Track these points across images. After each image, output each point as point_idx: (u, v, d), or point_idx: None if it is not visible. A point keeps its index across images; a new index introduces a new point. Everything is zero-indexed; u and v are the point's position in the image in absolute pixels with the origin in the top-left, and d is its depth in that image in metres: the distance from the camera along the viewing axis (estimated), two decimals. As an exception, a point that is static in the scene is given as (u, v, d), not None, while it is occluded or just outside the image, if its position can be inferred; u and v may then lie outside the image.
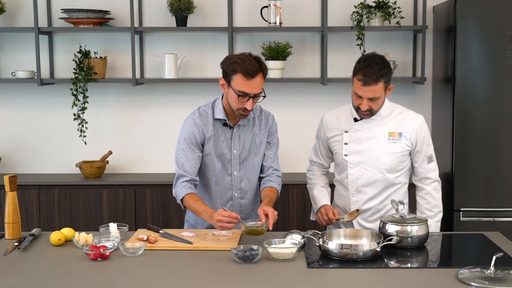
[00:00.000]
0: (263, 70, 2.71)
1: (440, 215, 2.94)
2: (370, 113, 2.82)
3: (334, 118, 2.99)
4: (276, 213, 2.65)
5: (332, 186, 3.13)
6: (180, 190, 2.80)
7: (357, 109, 2.82)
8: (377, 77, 2.70)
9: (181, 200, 2.80)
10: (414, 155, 2.91)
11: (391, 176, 2.89)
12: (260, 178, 2.99)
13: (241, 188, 2.93)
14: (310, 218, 3.14)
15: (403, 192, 2.97)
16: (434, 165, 2.93)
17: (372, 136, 2.87)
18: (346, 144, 2.91)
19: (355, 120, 2.91)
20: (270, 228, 2.61)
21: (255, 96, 2.71)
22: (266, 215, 2.63)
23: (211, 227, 2.84)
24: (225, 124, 2.86)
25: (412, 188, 3.03)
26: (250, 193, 2.97)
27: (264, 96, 2.76)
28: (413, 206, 3.09)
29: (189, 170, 2.82)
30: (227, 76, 2.72)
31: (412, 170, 2.97)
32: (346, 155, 2.91)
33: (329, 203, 3.00)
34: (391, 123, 2.87)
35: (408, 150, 2.88)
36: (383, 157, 2.85)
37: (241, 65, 2.66)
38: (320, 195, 3.02)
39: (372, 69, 2.70)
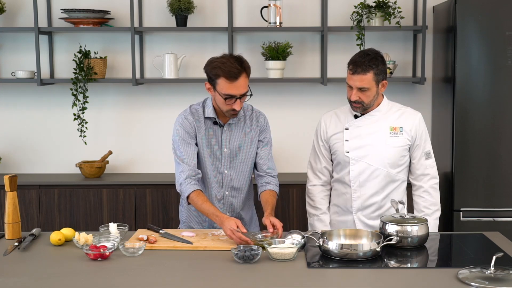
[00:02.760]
0: (245, 69, 2.72)
1: (438, 213, 2.95)
2: (362, 106, 2.85)
3: (333, 117, 3.03)
4: (281, 223, 2.66)
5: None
6: (186, 187, 2.78)
7: (350, 101, 2.88)
8: (366, 66, 2.78)
9: (187, 197, 2.78)
10: (413, 151, 2.94)
11: (393, 171, 2.91)
12: (257, 177, 2.99)
13: (232, 186, 2.93)
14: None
15: (403, 190, 2.99)
16: (432, 162, 2.96)
17: (373, 131, 2.91)
18: (347, 141, 2.93)
19: (355, 117, 2.95)
20: (280, 237, 2.61)
21: (241, 96, 2.73)
22: (273, 226, 2.63)
23: (203, 222, 2.91)
24: (215, 123, 2.88)
25: (409, 188, 3.04)
26: (242, 192, 2.97)
27: (251, 95, 2.78)
28: (411, 206, 3.09)
29: (190, 163, 2.82)
30: (211, 80, 2.76)
31: (410, 168, 2.98)
32: (347, 152, 2.93)
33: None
34: (391, 118, 2.92)
35: (408, 144, 2.91)
36: (385, 151, 2.89)
37: (222, 69, 2.68)
38: (321, 228, 3.01)
39: (363, 59, 2.81)
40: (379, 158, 2.89)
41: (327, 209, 3.08)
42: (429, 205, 2.93)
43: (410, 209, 3.07)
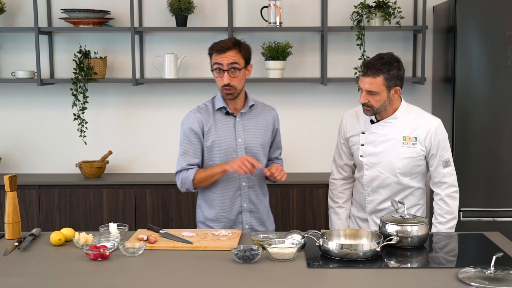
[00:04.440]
0: (238, 46, 2.86)
1: (453, 222, 2.92)
2: (371, 110, 2.82)
3: (354, 117, 3.00)
4: (281, 167, 2.85)
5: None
6: (187, 174, 2.88)
7: (362, 104, 2.85)
8: (376, 70, 2.74)
9: (193, 180, 2.87)
10: (429, 159, 2.90)
11: (405, 179, 2.90)
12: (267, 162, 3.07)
13: (249, 177, 2.95)
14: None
15: (419, 195, 2.97)
16: (450, 170, 2.91)
17: (386, 139, 2.88)
18: (362, 145, 2.92)
19: (372, 122, 2.92)
20: (279, 178, 2.84)
21: (229, 69, 2.83)
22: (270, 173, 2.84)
23: (219, 218, 2.96)
24: (227, 114, 2.92)
25: (430, 192, 3.04)
26: (258, 182, 3.00)
27: (240, 69, 2.85)
28: (432, 210, 3.07)
29: (191, 160, 2.89)
30: (211, 62, 2.88)
31: (430, 175, 2.97)
32: (362, 156, 2.93)
33: (347, 227, 3.06)
34: (406, 127, 2.87)
35: (423, 154, 2.88)
36: (397, 161, 2.86)
37: (214, 44, 2.87)
38: (336, 221, 3.08)
39: (375, 62, 2.76)
40: (390, 167, 2.88)
41: (345, 203, 3.09)
42: (444, 213, 2.91)
43: (432, 213, 3.05)
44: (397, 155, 2.86)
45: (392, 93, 2.80)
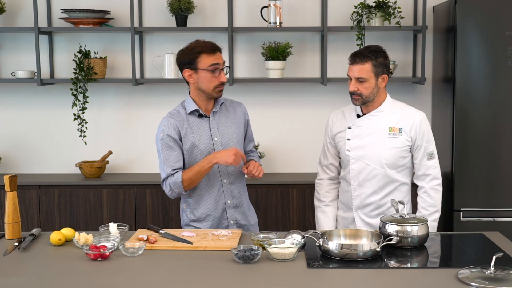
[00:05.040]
0: (219, 49, 2.92)
1: (437, 215, 2.95)
2: (361, 98, 2.88)
3: (339, 115, 3.07)
4: (258, 164, 2.90)
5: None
6: (174, 178, 2.87)
7: (350, 94, 2.91)
8: (364, 57, 2.84)
9: (182, 182, 2.85)
10: (414, 151, 2.94)
11: (392, 172, 2.92)
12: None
13: (229, 173, 2.96)
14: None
15: (405, 191, 2.99)
16: (434, 163, 2.95)
17: (373, 131, 2.93)
18: (348, 139, 2.96)
19: (358, 116, 2.97)
20: (256, 175, 2.87)
21: (223, 68, 2.88)
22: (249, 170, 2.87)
23: (207, 218, 2.95)
24: (199, 116, 2.94)
25: (414, 189, 3.04)
26: (238, 177, 3.01)
27: (229, 67, 3.01)
28: (416, 206, 3.09)
29: (175, 165, 2.89)
30: (191, 64, 2.86)
31: (414, 169, 2.99)
32: (348, 150, 2.96)
33: (334, 227, 3.07)
34: (392, 119, 2.92)
35: (408, 145, 2.91)
36: (384, 152, 2.90)
37: (202, 46, 2.85)
38: (323, 219, 3.09)
39: (362, 50, 2.87)
40: (376, 159, 2.91)
41: (332, 202, 3.11)
42: (428, 206, 2.94)
43: (416, 209, 3.07)
44: (384, 146, 2.90)
45: (380, 81, 2.87)
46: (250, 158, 3.08)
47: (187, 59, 2.86)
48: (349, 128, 2.97)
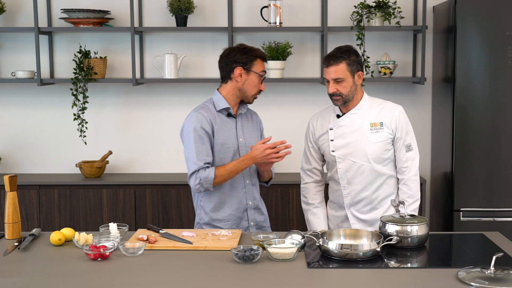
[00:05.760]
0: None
1: (416, 205, 2.99)
2: (341, 98, 2.94)
3: (319, 118, 3.13)
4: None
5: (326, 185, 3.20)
6: (206, 173, 2.85)
7: (330, 96, 2.97)
8: (337, 58, 2.90)
9: (214, 179, 2.85)
10: (395, 143, 3.00)
11: (378, 166, 2.97)
12: None
13: (251, 174, 3.02)
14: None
15: (393, 183, 3.04)
16: (413, 154, 3.00)
17: (355, 129, 2.98)
18: (332, 140, 3.02)
19: (338, 116, 3.03)
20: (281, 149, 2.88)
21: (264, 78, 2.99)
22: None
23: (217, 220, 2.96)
24: (228, 115, 2.97)
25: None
26: (256, 179, 3.08)
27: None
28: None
29: (206, 159, 2.88)
30: (246, 64, 2.92)
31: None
32: (333, 151, 3.01)
33: (326, 227, 3.09)
34: (371, 115, 2.99)
35: (390, 138, 2.98)
36: (368, 147, 2.95)
37: (258, 51, 2.96)
38: (314, 221, 3.11)
39: (334, 52, 2.93)
40: (362, 154, 2.96)
41: (320, 204, 3.15)
42: (407, 197, 2.99)
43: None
44: (367, 141, 2.95)
45: (357, 78, 2.94)
46: None
47: (244, 58, 2.92)
48: (331, 129, 3.02)
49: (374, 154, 2.95)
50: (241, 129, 3.00)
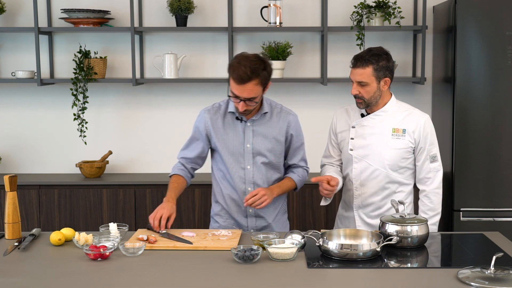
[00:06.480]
0: (258, 77, 2.71)
1: (436, 218, 2.93)
2: (364, 102, 2.86)
3: (344, 114, 3.06)
4: (263, 193, 2.78)
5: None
6: (173, 168, 3.03)
7: (354, 96, 2.89)
8: (365, 61, 2.80)
9: (171, 176, 3.02)
10: (417, 154, 2.92)
11: (393, 173, 2.91)
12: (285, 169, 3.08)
13: (255, 183, 2.93)
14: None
15: (407, 193, 2.97)
16: (437, 166, 2.93)
17: (376, 131, 2.91)
18: (352, 139, 2.96)
19: (362, 115, 2.96)
20: (253, 206, 2.81)
21: (246, 100, 2.75)
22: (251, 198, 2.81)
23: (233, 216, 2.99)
24: (237, 118, 2.91)
25: (417, 191, 3.03)
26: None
27: (257, 102, 2.80)
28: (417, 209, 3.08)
29: (187, 155, 3.00)
30: (228, 81, 2.83)
31: (416, 171, 2.98)
32: (351, 150, 2.95)
33: (335, 175, 2.97)
34: (396, 120, 2.91)
35: (411, 147, 2.90)
36: (386, 152, 2.89)
37: (233, 71, 2.71)
38: (327, 172, 3.04)
39: (364, 54, 2.83)
40: (378, 159, 2.90)
41: (339, 166, 3.08)
42: (427, 210, 2.92)
43: (417, 212, 3.05)
44: (386, 147, 2.89)
45: (382, 84, 2.84)
46: (287, 175, 3.03)
47: (229, 74, 2.76)
48: (353, 127, 2.96)
49: (391, 160, 2.88)
50: (251, 134, 2.90)
